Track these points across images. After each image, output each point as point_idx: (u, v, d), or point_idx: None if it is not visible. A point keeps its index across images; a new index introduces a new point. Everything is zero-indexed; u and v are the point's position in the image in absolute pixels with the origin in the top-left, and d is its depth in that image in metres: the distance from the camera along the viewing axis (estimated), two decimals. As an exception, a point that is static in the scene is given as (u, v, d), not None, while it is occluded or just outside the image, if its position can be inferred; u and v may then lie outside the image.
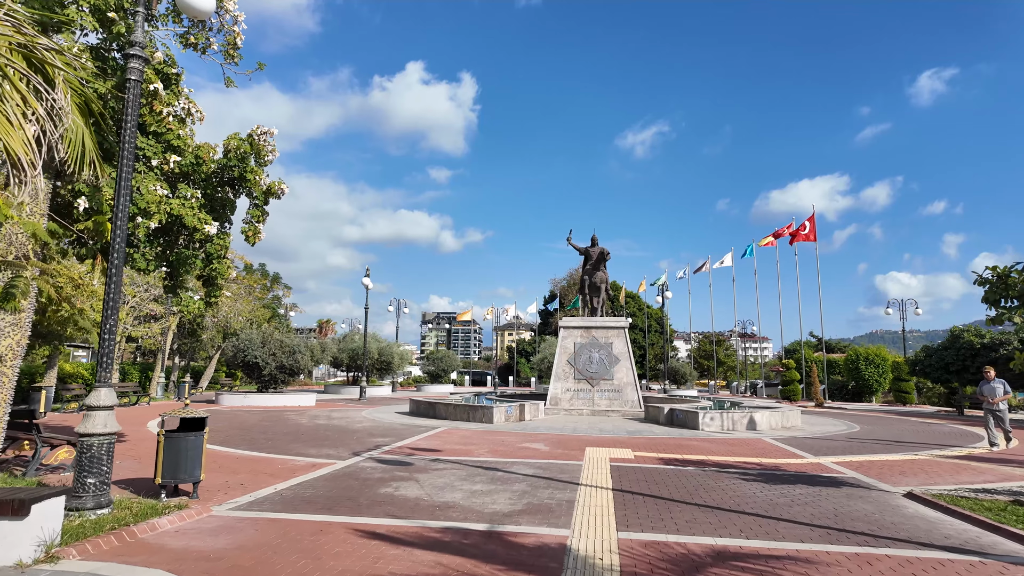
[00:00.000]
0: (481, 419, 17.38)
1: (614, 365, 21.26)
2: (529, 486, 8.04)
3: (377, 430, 15.08)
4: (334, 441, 12.71)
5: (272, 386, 25.25)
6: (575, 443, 12.90)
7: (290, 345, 24.90)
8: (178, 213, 8.19)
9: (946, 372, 26.20)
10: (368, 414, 19.93)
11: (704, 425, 16.33)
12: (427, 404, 19.47)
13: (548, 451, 11.56)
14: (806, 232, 40.08)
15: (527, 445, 12.38)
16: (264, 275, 59.09)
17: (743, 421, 16.85)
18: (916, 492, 7.99)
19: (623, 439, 13.93)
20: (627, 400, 20.81)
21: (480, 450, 11.53)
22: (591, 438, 13.98)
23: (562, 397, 21.19)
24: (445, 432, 14.72)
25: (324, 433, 14.24)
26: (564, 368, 21.61)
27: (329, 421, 17.43)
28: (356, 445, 12.08)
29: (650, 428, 16.62)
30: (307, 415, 19.43)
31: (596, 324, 21.96)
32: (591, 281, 23.30)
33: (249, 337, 24.58)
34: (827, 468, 10.19)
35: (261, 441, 12.56)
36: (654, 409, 18.71)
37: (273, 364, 24.51)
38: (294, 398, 24.60)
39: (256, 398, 24.10)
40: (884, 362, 37.93)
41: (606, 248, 23.19)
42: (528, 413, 18.59)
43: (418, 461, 10.02)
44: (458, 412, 18.09)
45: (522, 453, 11.19)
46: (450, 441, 12.91)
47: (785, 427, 17.85)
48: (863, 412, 26.25)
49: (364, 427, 15.83)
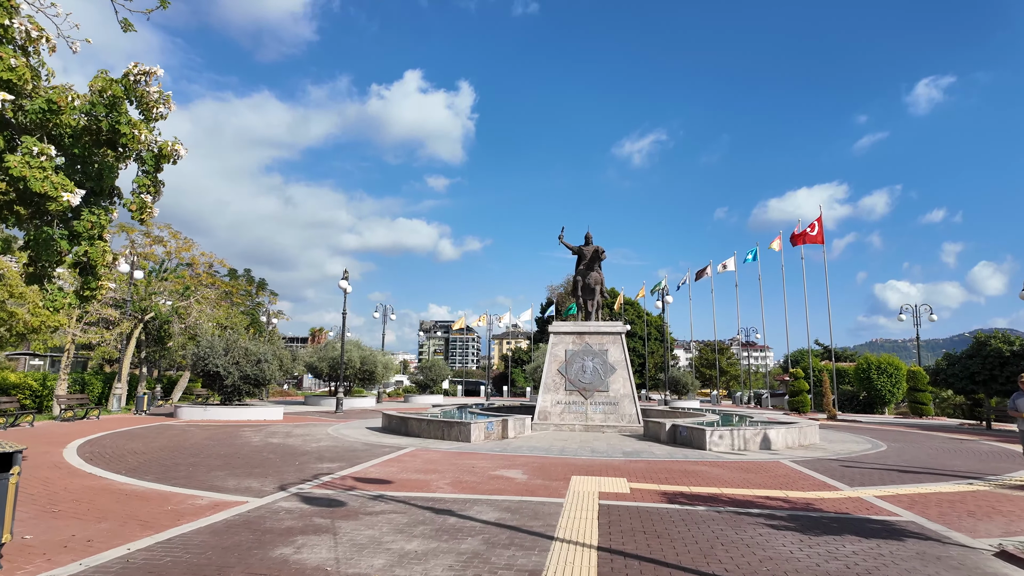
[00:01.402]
0: (457, 437, 15.24)
1: (610, 375, 19.12)
2: (484, 543, 5.92)
3: (330, 452, 12.93)
4: (270, 467, 10.58)
5: (236, 398, 23.07)
6: (560, 469, 10.76)
7: (255, 353, 22.74)
8: (20, 175, 6.13)
9: (971, 382, 24.07)
10: (334, 430, 17.77)
11: (712, 444, 14.20)
12: (399, 419, 17.32)
13: (524, 482, 9.42)
14: (814, 233, 38.10)
15: (501, 473, 10.25)
16: (250, 281, 57.09)
17: (756, 439, 14.73)
18: (1010, 549, 5.88)
19: (618, 463, 11.79)
20: (624, 414, 18.67)
21: (441, 481, 9.40)
22: (580, 462, 11.83)
23: (552, 411, 19.04)
24: (409, 455, 12.58)
25: (265, 456, 12.09)
26: (554, 378, 19.47)
27: (284, 440, 15.28)
28: (292, 474, 9.94)
29: (649, 448, 14.47)
30: (265, 432, 17.28)
31: (590, 329, 19.84)
32: (584, 282, 21.21)
33: (210, 344, 22.44)
34: (873, 507, 8.06)
35: (182, 468, 10.42)
36: (654, 424, 16.57)
37: (236, 374, 22.35)
38: (260, 411, 22.44)
39: (218, 411, 21.93)
40: (898, 371, 35.80)
41: (601, 247, 21.12)
42: (512, 429, 16.45)
43: (354, 500, 7.89)
44: (432, 429, 15.95)
45: (491, 486, 9.05)
46: (410, 467, 10.77)
47: (803, 445, 15.72)
48: (881, 426, 24.09)
49: (318, 448, 13.68)
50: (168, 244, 40.30)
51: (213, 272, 46.54)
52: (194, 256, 41.17)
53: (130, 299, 26.19)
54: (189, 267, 41.56)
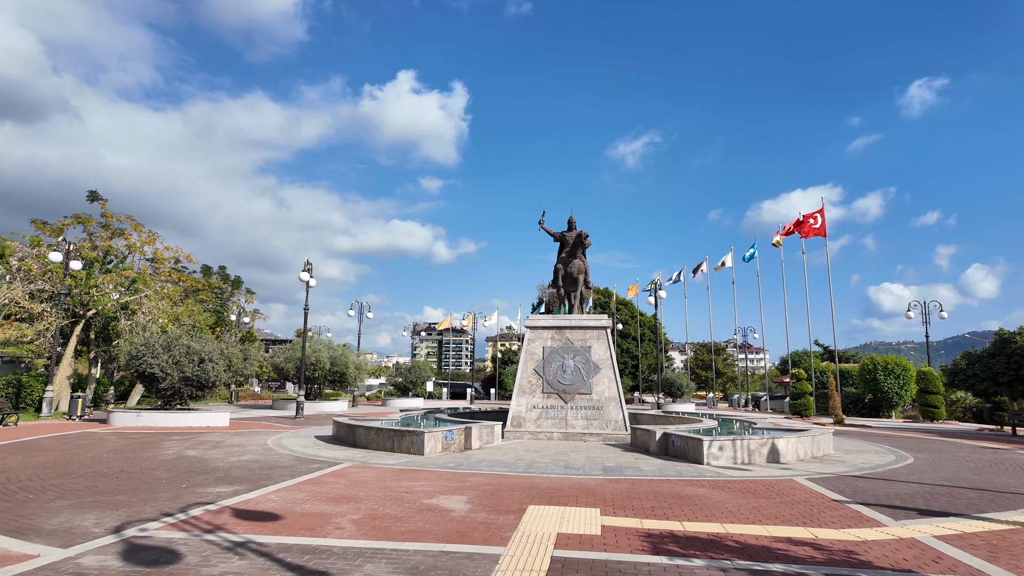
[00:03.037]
0: (408, 449, 12.83)
1: (593, 375, 16.76)
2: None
3: (242, 470, 10.51)
4: (144, 492, 8.15)
5: (177, 401, 20.57)
6: (517, 495, 8.37)
7: (199, 352, 20.24)
8: None
9: (994, 383, 21.82)
10: (274, 440, 15.34)
11: (710, 457, 11.84)
12: (347, 428, 14.90)
13: (462, 517, 7.03)
14: (817, 226, 35.90)
15: (437, 502, 7.85)
16: (224, 278, 54.51)
17: (762, 451, 12.38)
18: None
19: (593, 484, 9.40)
20: (609, 420, 16.30)
21: (349, 516, 7.00)
22: (547, 483, 9.45)
23: (527, 416, 16.65)
24: (336, 474, 10.17)
25: (155, 476, 9.66)
26: (530, 379, 17.08)
27: (204, 452, 12.84)
28: (162, 503, 7.52)
29: (636, 462, 12.11)
30: (193, 441, 14.84)
31: (571, 323, 17.47)
32: (566, 271, 18.84)
33: (146, 342, 19.93)
34: (943, 557, 5.71)
35: (21, 495, 7.97)
36: (643, 433, 14.21)
37: (176, 375, 19.85)
38: (204, 417, 19.96)
39: (155, 417, 19.44)
40: (905, 372, 33.60)
41: (585, 231, 18.75)
42: (478, 439, 14.05)
43: (202, 551, 5.49)
44: (381, 439, 13.54)
45: (412, 525, 6.66)
46: (323, 494, 8.35)
47: (816, 457, 13.40)
48: (894, 432, 21.81)
49: (233, 463, 11.26)
50: (130, 237, 37.89)
51: (181, 268, 44.07)
52: (157, 250, 38.74)
53: (67, 292, 23.69)
54: (151, 262, 39.09)
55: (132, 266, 32.10)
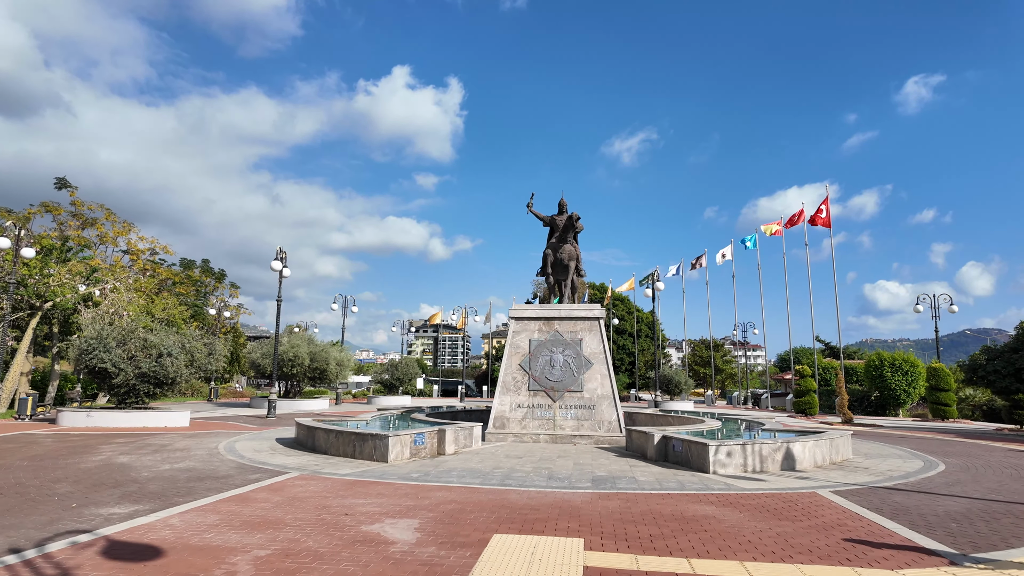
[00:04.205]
0: (371, 455, 11.21)
1: (584, 371, 15.15)
2: None
3: (165, 481, 8.86)
4: (8, 515, 6.51)
5: (133, 399, 18.88)
6: (482, 519, 6.75)
7: (157, 345, 18.56)
8: None
9: (1017, 380, 20.29)
10: (225, 444, 13.69)
11: (717, 465, 10.24)
12: (307, 430, 13.24)
13: (402, 554, 5.40)
14: (823, 216, 34.32)
15: (377, 530, 6.22)
16: (207, 272, 52.74)
17: (776, 456, 10.80)
18: None
19: (579, 501, 7.78)
20: (601, 420, 14.70)
21: (252, 555, 5.36)
22: (523, 500, 7.83)
23: (511, 416, 15.04)
24: (271, 488, 8.52)
25: (47, 491, 7.99)
26: (515, 375, 15.46)
27: (132, 458, 11.20)
28: (17, 532, 5.88)
29: (631, 470, 10.50)
30: (132, 445, 13.19)
31: (560, 314, 15.85)
32: (556, 257, 17.21)
33: (99, 335, 18.23)
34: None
35: None
36: (640, 436, 12.62)
37: (131, 371, 18.17)
38: (162, 417, 18.29)
39: (106, 417, 17.77)
40: (914, 368, 32.04)
41: (576, 213, 17.12)
42: (453, 442, 12.42)
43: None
44: (341, 443, 11.90)
45: (330, 568, 5.02)
46: (240, 517, 6.71)
47: (835, 463, 11.82)
48: (908, 432, 20.27)
49: (159, 473, 9.61)
50: (102, 227, 36.14)
51: (159, 260, 42.31)
52: (131, 240, 36.99)
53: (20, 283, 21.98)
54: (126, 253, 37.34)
55: (95, 255, 30.29)
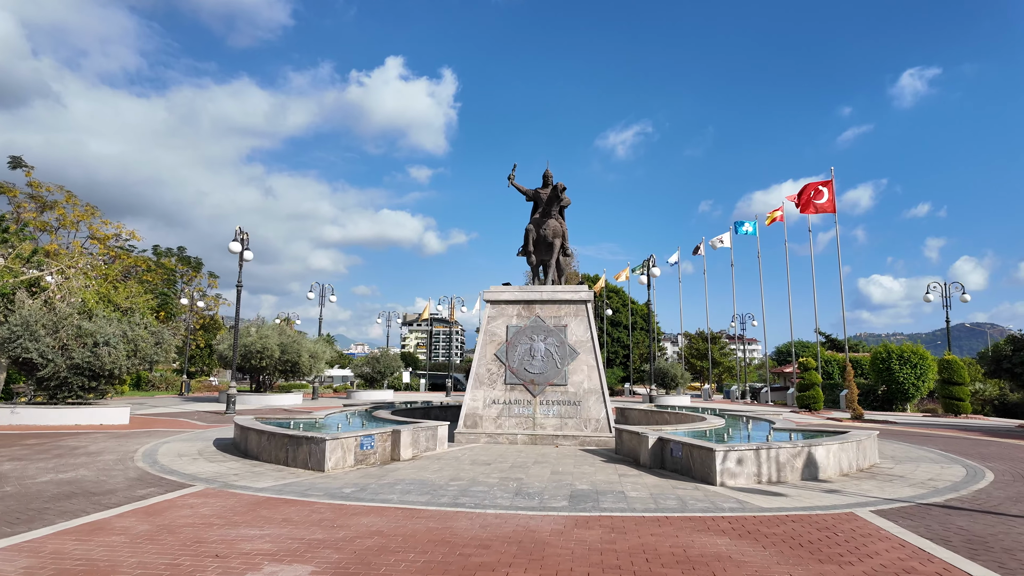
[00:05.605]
0: (305, 462, 9.27)
1: (569, 361, 13.23)
2: None
3: (29, 498, 6.89)
4: None
5: (65, 393, 16.83)
6: (401, 568, 4.82)
7: (93, 333, 16.53)
8: None
9: (1045, 373, 18.52)
10: (148, 447, 11.73)
11: (725, 475, 8.35)
12: (241, 431, 11.30)
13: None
14: (823, 201, 32.42)
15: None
16: (184, 260, 50.56)
17: (796, 464, 8.91)
18: None
19: (548, 531, 5.86)
20: (588, 418, 12.79)
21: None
22: (473, 530, 5.90)
23: (484, 414, 13.11)
24: (150, 509, 6.57)
25: None
26: (489, 366, 13.53)
27: (18, 464, 9.22)
28: None
29: (620, 481, 8.59)
30: (36, 448, 11.23)
31: (541, 296, 13.90)
32: (539, 234, 15.24)
33: (24, 321, 16.20)
34: None
35: None
36: (632, 437, 10.72)
37: (62, 362, 16.16)
38: (99, 413, 16.31)
39: (34, 414, 15.76)
40: (923, 361, 30.31)
41: (562, 184, 15.15)
42: (411, 445, 10.49)
43: None
44: (273, 448, 9.95)
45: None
46: (66, 559, 4.75)
47: (862, 469, 9.96)
48: (925, 429, 18.46)
49: (31, 486, 7.64)
50: (63, 210, 33.99)
51: (129, 247, 40.17)
52: (92, 225, 34.87)
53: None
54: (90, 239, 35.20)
55: (35, 236, 28.16)
